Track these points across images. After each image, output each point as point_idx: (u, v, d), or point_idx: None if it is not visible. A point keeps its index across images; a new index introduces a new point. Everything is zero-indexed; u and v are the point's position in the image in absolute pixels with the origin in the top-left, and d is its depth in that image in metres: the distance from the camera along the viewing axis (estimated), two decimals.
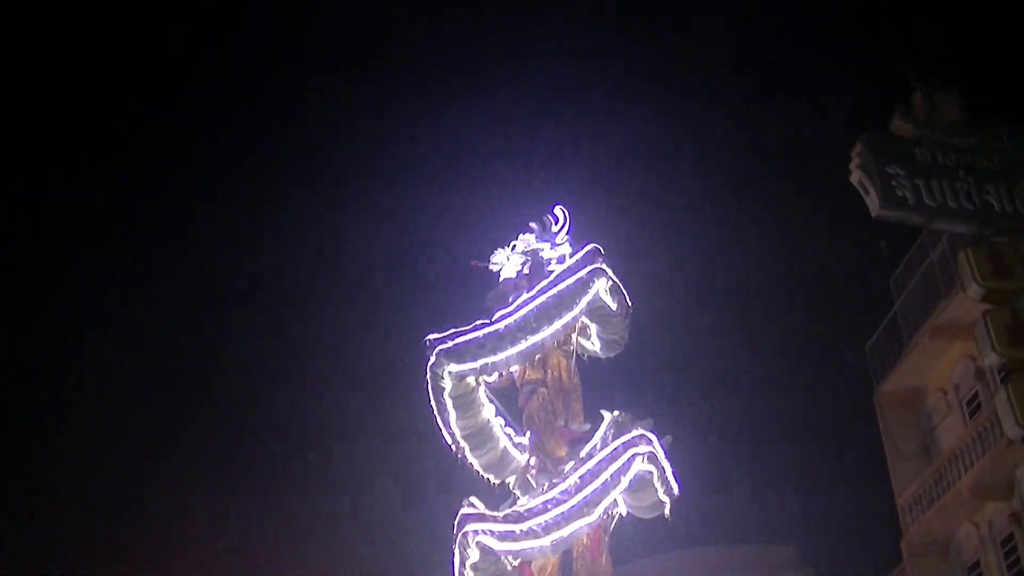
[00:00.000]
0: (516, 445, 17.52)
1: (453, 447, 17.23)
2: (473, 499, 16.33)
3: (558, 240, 17.94)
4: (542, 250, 17.94)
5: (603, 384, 17.93)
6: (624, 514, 16.23)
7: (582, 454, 15.99)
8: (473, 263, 18.23)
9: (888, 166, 21.27)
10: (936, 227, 22.91)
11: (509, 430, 17.63)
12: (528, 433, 17.23)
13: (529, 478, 17.21)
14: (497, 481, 17.46)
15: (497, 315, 16.79)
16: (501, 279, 17.95)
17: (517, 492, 17.19)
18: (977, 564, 26.10)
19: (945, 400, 27.72)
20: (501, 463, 17.49)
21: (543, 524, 15.28)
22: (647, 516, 16.27)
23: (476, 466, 17.37)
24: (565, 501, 15.28)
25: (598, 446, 15.90)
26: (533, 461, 17.05)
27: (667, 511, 16.10)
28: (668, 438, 16.00)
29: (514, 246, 18.14)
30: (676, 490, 15.99)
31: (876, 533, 31.14)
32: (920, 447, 28.43)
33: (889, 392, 29.00)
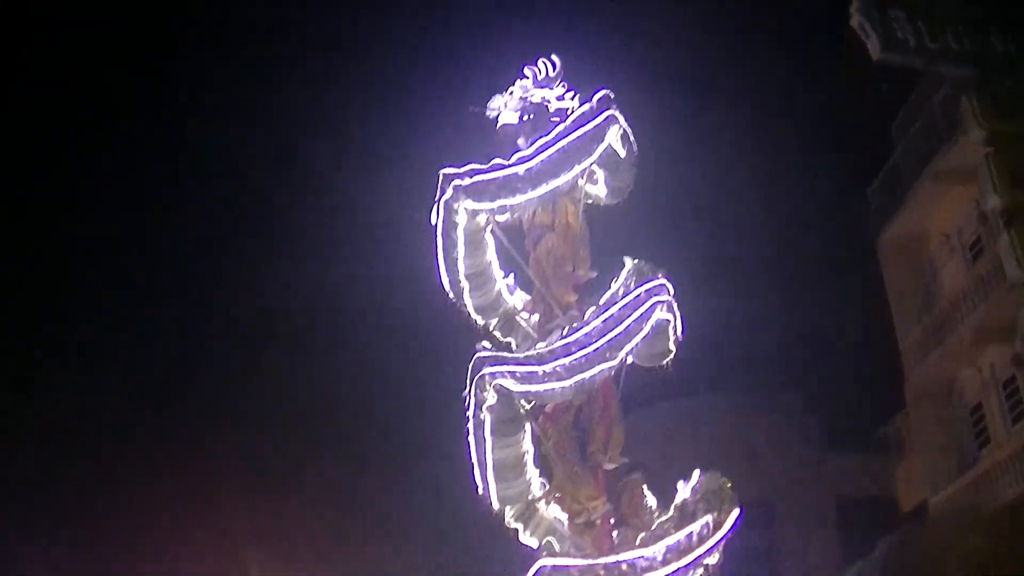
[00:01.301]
0: (508, 287, 17.43)
1: (450, 289, 16.88)
2: (486, 343, 16.29)
3: (555, 86, 17.68)
4: (540, 96, 17.69)
5: (606, 228, 17.76)
6: (629, 362, 16.16)
7: (602, 300, 15.98)
8: (471, 108, 17.95)
9: (889, 10, 21.09)
10: (937, 69, 22.77)
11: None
12: (513, 274, 17.20)
13: (520, 320, 17.20)
14: (483, 323, 17.18)
15: (515, 157, 16.56)
16: (500, 124, 17.68)
17: (498, 334, 17.13)
18: (979, 407, 26.41)
19: (947, 245, 27.73)
20: (494, 305, 17.25)
21: (566, 366, 15.18)
22: (648, 364, 16.29)
23: (469, 308, 17.00)
24: (588, 344, 15.17)
25: (620, 292, 15.88)
26: (534, 306, 17.06)
27: (669, 360, 16.18)
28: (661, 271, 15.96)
29: (512, 92, 17.86)
30: (681, 339, 16.05)
31: (879, 379, 31.36)
32: (922, 292, 28.56)
33: (891, 238, 29.00)
